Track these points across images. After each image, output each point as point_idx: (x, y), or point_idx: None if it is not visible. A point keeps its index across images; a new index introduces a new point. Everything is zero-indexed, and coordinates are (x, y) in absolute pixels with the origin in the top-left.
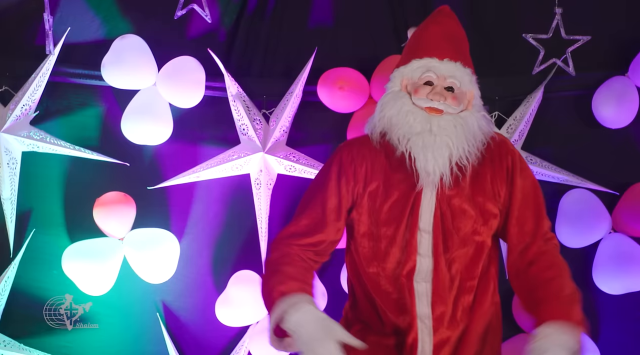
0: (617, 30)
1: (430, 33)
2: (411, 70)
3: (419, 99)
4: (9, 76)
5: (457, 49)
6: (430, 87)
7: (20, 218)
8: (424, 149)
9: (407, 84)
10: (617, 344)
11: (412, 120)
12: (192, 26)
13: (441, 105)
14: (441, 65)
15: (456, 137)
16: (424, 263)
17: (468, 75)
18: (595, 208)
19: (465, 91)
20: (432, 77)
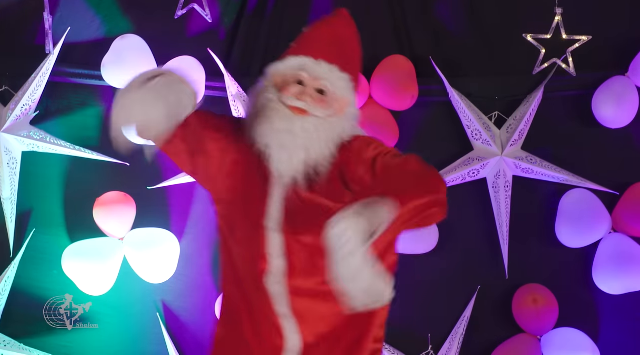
0: (617, 30)
1: (316, 33)
2: (285, 67)
3: (287, 98)
4: (9, 76)
5: (339, 52)
6: (301, 87)
7: (21, 218)
8: (280, 148)
9: (279, 81)
10: (617, 344)
11: (275, 118)
12: (192, 26)
13: (307, 107)
14: (316, 65)
15: (316, 141)
16: (276, 264)
17: (344, 81)
18: (595, 208)
19: (338, 97)
20: (304, 76)
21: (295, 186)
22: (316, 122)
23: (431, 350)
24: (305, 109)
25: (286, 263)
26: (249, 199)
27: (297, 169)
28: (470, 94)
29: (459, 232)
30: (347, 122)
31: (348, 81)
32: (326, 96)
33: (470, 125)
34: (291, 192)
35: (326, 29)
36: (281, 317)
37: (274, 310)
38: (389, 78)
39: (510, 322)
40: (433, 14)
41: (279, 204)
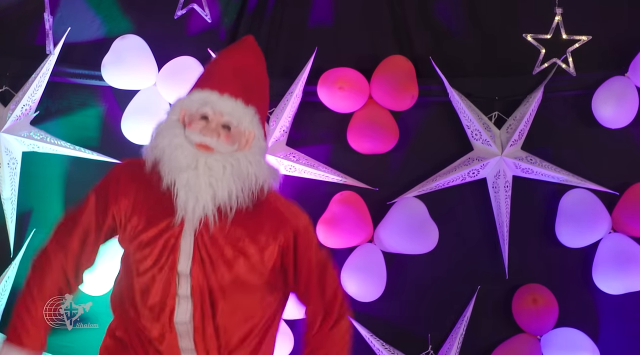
0: (617, 30)
1: (220, 64)
2: (190, 101)
3: (192, 133)
4: (9, 76)
5: (243, 85)
6: (205, 122)
7: (21, 218)
8: (186, 186)
9: (185, 115)
10: (617, 344)
11: (180, 155)
12: (192, 26)
13: (213, 142)
14: (220, 100)
15: (223, 178)
16: (184, 305)
17: (249, 115)
18: (595, 208)
19: (243, 131)
20: (208, 112)
21: (205, 225)
22: (221, 158)
23: (431, 350)
24: (210, 146)
25: (193, 304)
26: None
27: (204, 207)
28: (470, 94)
29: (458, 232)
30: (254, 156)
31: (253, 115)
32: (231, 131)
33: (470, 125)
34: (200, 235)
35: (231, 60)
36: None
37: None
38: (389, 78)
39: (510, 322)
40: (433, 14)
41: (189, 247)
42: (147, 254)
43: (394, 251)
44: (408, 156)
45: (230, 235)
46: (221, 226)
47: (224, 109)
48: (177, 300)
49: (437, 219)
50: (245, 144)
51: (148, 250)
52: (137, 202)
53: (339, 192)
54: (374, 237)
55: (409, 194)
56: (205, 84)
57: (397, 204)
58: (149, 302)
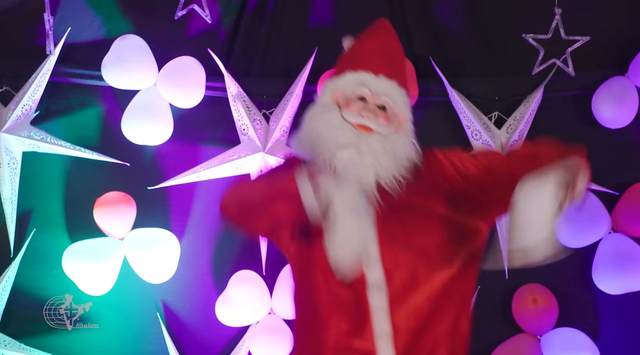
0: (616, 30)
1: (367, 46)
2: (344, 83)
3: (350, 114)
4: (10, 76)
5: (393, 66)
6: (363, 103)
7: (21, 218)
8: (349, 166)
9: (339, 97)
10: (617, 344)
11: (340, 134)
12: (192, 26)
13: (372, 124)
14: (376, 81)
15: (384, 160)
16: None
17: (403, 97)
18: (595, 208)
19: (397, 113)
20: (365, 92)
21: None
22: (382, 139)
23: None
24: (370, 126)
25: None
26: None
27: (368, 184)
28: (470, 94)
29: None
30: (407, 139)
31: (405, 96)
32: (387, 112)
33: (470, 126)
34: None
35: (376, 42)
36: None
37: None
38: None
39: (510, 322)
40: (433, 14)
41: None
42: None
43: None
44: None
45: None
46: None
47: (381, 90)
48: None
49: None
50: (398, 126)
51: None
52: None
53: None
54: None
55: None
56: (357, 66)
57: None
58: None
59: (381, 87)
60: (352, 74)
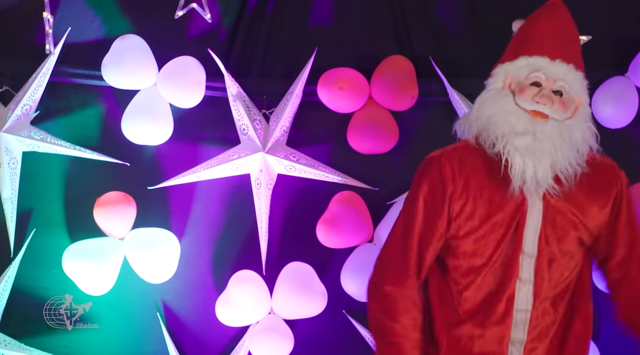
0: (617, 30)
1: (541, 28)
2: (517, 68)
3: (524, 101)
4: (10, 76)
5: (570, 49)
6: (538, 89)
7: (21, 218)
8: (524, 153)
9: (512, 83)
10: (616, 344)
11: (515, 121)
12: (192, 26)
13: (547, 110)
14: (552, 66)
15: (560, 147)
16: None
17: (579, 80)
18: None
19: (573, 97)
20: (540, 78)
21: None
22: (557, 125)
23: None
24: (546, 113)
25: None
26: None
27: (543, 176)
28: (470, 94)
29: None
30: (584, 123)
31: (582, 79)
32: (564, 98)
33: None
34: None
35: (551, 24)
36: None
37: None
38: (389, 78)
39: None
40: (433, 14)
41: (537, 222)
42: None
43: None
44: (408, 156)
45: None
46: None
47: (557, 75)
48: (518, 285)
49: None
50: (574, 110)
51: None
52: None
53: (339, 192)
54: (374, 237)
55: None
56: (532, 50)
57: (397, 204)
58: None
59: (557, 72)
60: (526, 58)
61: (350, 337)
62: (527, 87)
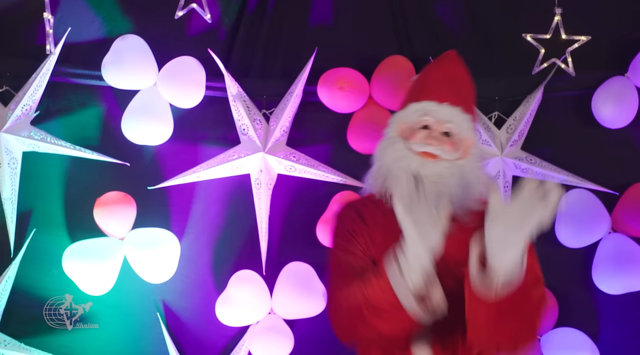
0: (616, 30)
1: (431, 76)
2: (408, 114)
3: (415, 144)
4: (10, 76)
5: (458, 93)
6: (427, 131)
7: (21, 218)
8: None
9: (404, 129)
10: (616, 344)
11: (407, 166)
12: (192, 26)
13: (437, 150)
14: (440, 108)
15: (452, 185)
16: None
17: (468, 122)
18: (595, 208)
19: (463, 138)
20: (429, 121)
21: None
22: (448, 165)
23: None
24: (436, 153)
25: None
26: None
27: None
28: None
29: None
30: (475, 163)
31: (471, 122)
32: (452, 138)
33: None
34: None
35: (440, 72)
36: None
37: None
38: (389, 78)
39: None
40: (433, 14)
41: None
42: None
43: None
44: None
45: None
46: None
47: (445, 117)
48: None
49: None
50: (465, 151)
51: None
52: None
53: (339, 192)
54: None
55: None
56: (422, 96)
57: None
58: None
59: (445, 114)
60: (415, 104)
61: None
62: (417, 131)
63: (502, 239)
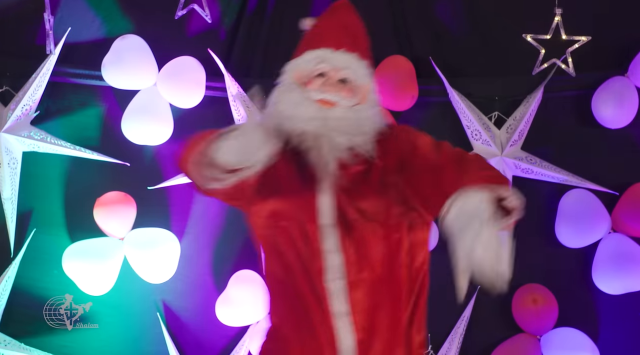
0: (617, 30)
1: (326, 24)
2: (304, 62)
3: (312, 91)
4: (10, 76)
5: (353, 40)
6: (324, 79)
7: (21, 218)
8: (317, 137)
9: (300, 76)
10: (616, 343)
11: (303, 111)
12: (192, 26)
13: (334, 97)
14: (336, 55)
15: (349, 131)
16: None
17: (364, 68)
18: (595, 208)
19: (360, 84)
20: (325, 68)
21: (342, 169)
22: (345, 111)
23: (431, 350)
24: (332, 100)
25: (342, 257)
26: (297, 203)
27: (338, 155)
28: (470, 94)
29: None
30: (372, 109)
31: (367, 68)
32: (349, 85)
33: (470, 126)
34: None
35: (335, 20)
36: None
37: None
38: (389, 78)
39: (509, 322)
40: (433, 14)
41: (329, 197)
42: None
43: None
44: None
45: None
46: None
47: (342, 64)
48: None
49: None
50: (362, 97)
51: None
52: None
53: None
54: None
55: None
56: (317, 44)
57: None
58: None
59: (341, 61)
60: (311, 52)
61: None
62: (314, 79)
63: None
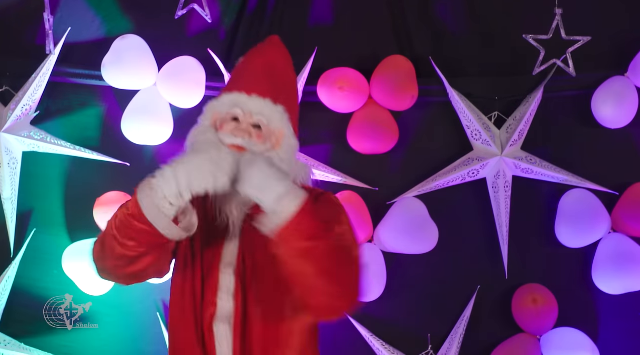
0: (617, 30)
1: (248, 66)
2: (221, 105)
3: (224, 135)
4: (10, 76)
5: (271, 84)
6: (236, 123)
7: (21, 218)
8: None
9: (217, 119)
10: (616, 343)
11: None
12: (192, 26)
13: (244, 143)
14: (249, 101)
15: None
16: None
17: (278, 113)
18: (594, 208)
19: (273, 130)
20: (238, 113)
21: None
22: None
23: (431, 350)
24: (243, 146)
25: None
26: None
27: (241, 208)
28: (470, 94)
29: (458, 232)
30: (285, 154)
31: (282, 113)
32: (262, 130)
33: (470, 126)
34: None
35: (258, 61)
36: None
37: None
38: (389, 78)
39: (509, 322)
40: (433, 14)
41: (234, 249)
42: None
43: (394, 251)
44: (408, 156)
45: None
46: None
47: (253, 109)
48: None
49: (437, 219)
50: (276, 142)
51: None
52: None
53: (339, 192)
54: (373, 237)
55: (409, 194)
56: (234, 87)
57: (397, 204)
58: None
59: (253, 106)
60: (228, 95)
61: (350, 336)
62: (227, 122)
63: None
